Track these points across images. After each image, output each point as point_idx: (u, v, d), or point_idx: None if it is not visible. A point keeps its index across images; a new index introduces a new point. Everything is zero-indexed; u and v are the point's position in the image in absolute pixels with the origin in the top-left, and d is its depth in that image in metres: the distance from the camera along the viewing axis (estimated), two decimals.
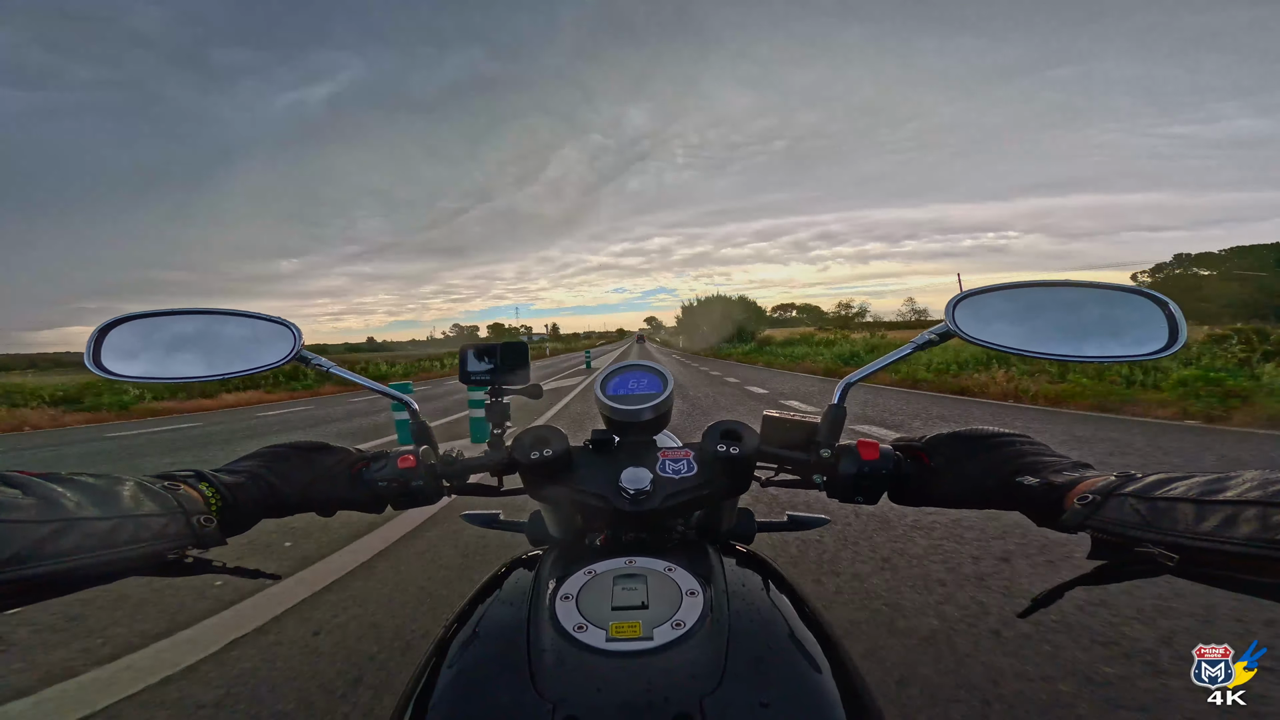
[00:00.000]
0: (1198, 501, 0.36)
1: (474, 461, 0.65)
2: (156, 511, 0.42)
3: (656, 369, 0.68)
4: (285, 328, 0.63)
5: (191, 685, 1.64)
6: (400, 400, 0.68)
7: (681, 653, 0.41)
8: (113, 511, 0.39)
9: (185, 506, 0.45)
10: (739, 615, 0.46)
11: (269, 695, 1.58)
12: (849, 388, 0.62)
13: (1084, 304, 0.58)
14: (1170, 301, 0.54)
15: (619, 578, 0.49)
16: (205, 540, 0.45)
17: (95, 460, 6.35)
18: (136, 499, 0.42)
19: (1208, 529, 0.35)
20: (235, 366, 0.61)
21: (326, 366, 0.66)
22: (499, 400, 0.72)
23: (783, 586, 0.53)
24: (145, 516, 0.41)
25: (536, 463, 0.58)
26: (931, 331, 0.60)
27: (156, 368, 0.60)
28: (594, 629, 0.43)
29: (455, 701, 0.41)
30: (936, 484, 0.57)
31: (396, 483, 0.59)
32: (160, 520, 0.42)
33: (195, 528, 0.44)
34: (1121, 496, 0.41)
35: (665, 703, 0.37)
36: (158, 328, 0.61)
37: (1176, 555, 0.36)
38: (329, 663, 1.73)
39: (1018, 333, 0.57)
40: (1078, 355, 0.56)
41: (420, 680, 0.45)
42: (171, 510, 0.43)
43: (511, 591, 0.53)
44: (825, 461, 0.60)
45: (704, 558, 0.54)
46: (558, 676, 0.40)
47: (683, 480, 0.58)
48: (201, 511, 0.46)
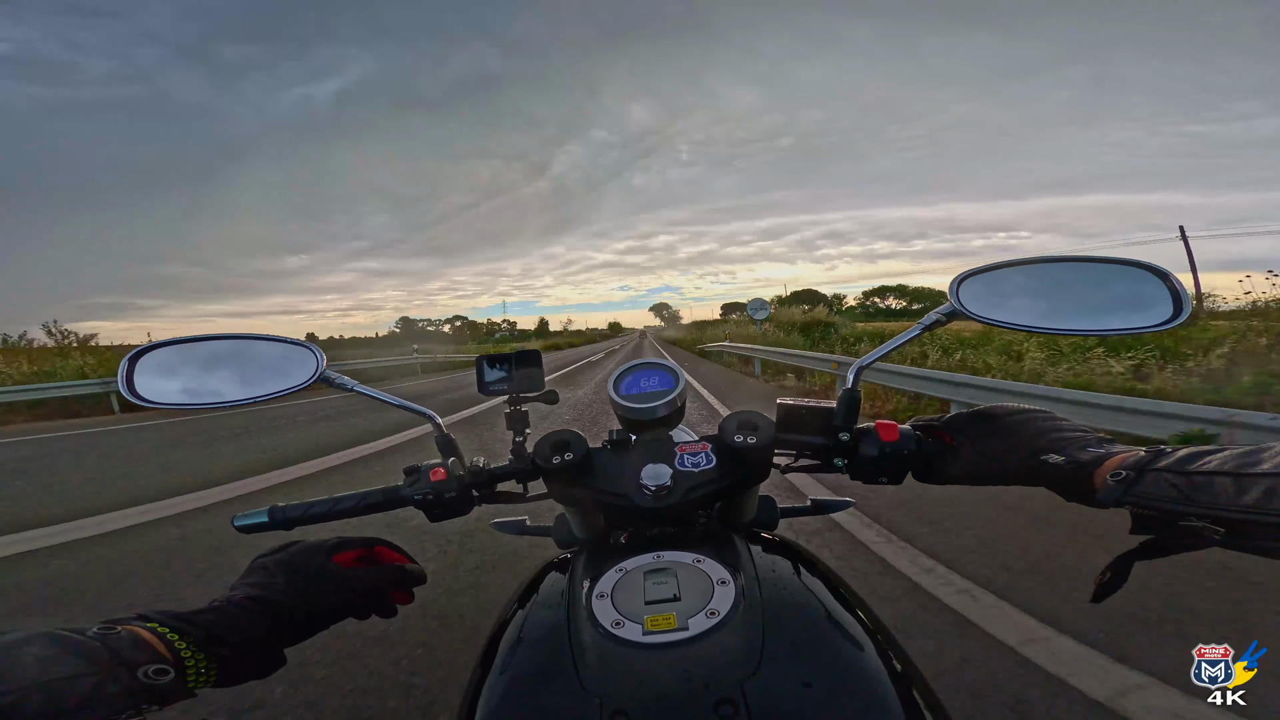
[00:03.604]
0: (1236, 475, 0.37)
1: (499, 470, 0.67)
2: (79, 670, 0.33)
3: (668, 366, 0.69)
4: (309, 350, 0.65)
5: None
6: (425, 415, 0.69)
7: (718, 640, 0.42)
8: (3, 684, 0.30)
9: (124, 655, 0.36)
10: (772, 600, 0.46)
11: None
12: (862, 370, 0.63)
13: (1086, 279, 0.59)
14: (1171, 273, 0.55)
15: (649, 572, 0.50)
16: (162, 696, 0.36)
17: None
18: (45, 660, 0.32)
19: (1250, 501, 0.35)
20: (263, 389, 0.63)
21: (350, 385, 0.67)
22: (518, 409, 0.73)
23: (813, 569, 0.54)
24: (61, 682, 0.32)
25: (558, 467, 0.59)
26: (938, 312, 0.60)
27: (188, 394, 0.62)
28: (630, 624, 0.44)
29: (508, 705, 0.42)
30: (959, 462, 0.57)
31: (431, 495, 0.61)
32: (88, 681, 0.33)
33: (146, 682, 0.35)
34: (1156, 471, 0.41)
35: (706, 690, 0.38)
36: (187, 354, 0.63)
37: (1222, 529, 0.36)
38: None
39: (1023, 309, 0.57)
40: (1083, 329, 0.57)
41: (475, 688, 0.46)
42: (103, 666, 0.34)
43: (548, 595, 0.54)
44: (844, 445, 0.61)
45: (731, 547, 0.55)
46: (601, 672, 0.41)
47: (702, 473, 0.58)
48: (151, 660, 0.37)
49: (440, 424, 0.68)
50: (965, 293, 0.59)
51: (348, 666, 1.75)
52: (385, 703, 1.59)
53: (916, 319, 0.65)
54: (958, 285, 0.59)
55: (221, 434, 6.42)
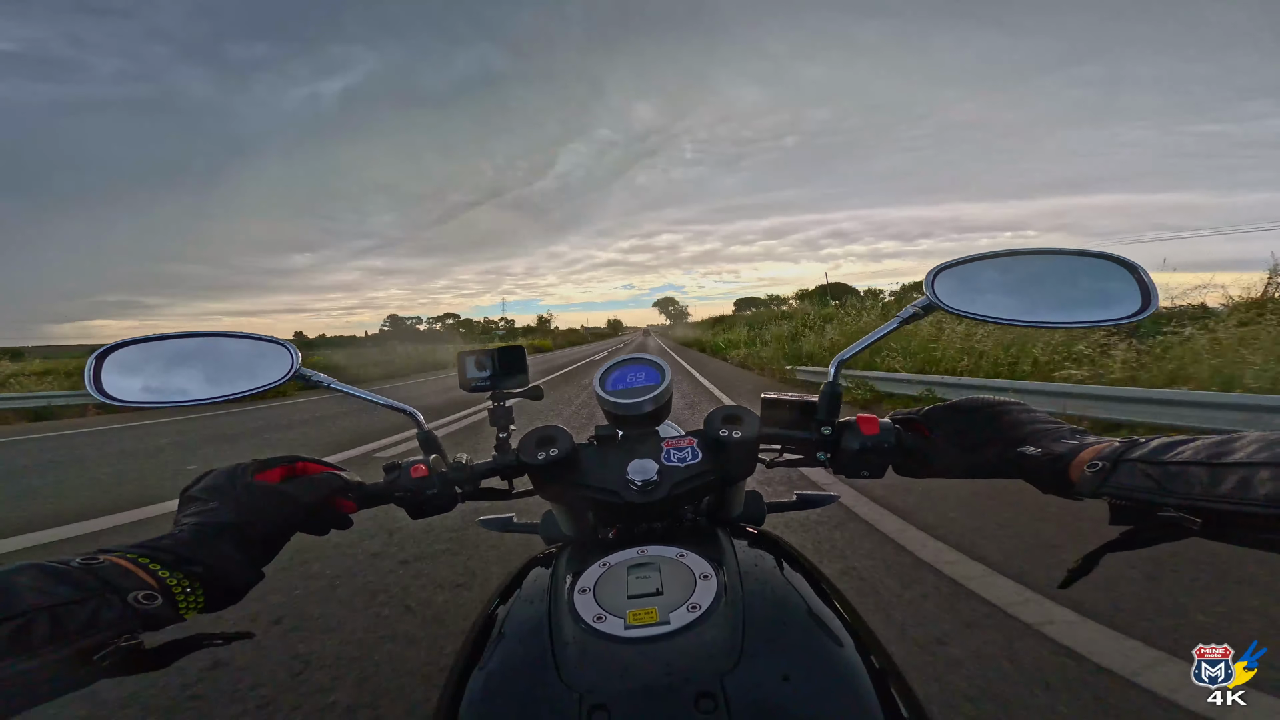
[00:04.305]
0: (1210, 465, 0.37)
1: (483, 466, 0.66)
2: (74, 596, 0.34)
3: (654, 361, 0.69)
4: (283, 347, 0.64)
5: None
6: (405, 412, 0.68)
7: (698, 634, 0.42)
8: (10, 610, 0.31)
9: (114, 583, 0.37)
10: (753, 594, 0.46)
11: None
12: (841, 364, 0.63)
13: (1059, 271, 0.60)
14: (1139, 265, 0.56)
15: (632, 567, 0.50)
16: (154, 620, 0.38)
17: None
18: (42, 588, 0.34)
19: (1225, 491, 0.35)
20: (236, 387, 0.62)
21: (326, 382, 0.66)
22: (501, 405, 0.72)
23: (796, 564, 0.54)
24: (62, 606, 0.33)
25: (544, 463, 0.58)
26: (914, 305, 0.61)
27: (156, 393, 0.60)
28: (612, 618, 0.44)
29: (488, 700, 0.42)
30: (938, 455, 0.57)
31: (412, 493, 0.60)
32: (84, 607, 0.34)
33: (137, 607, 0.37)
34: (1131, 462, 0.41)
35: (686, 683, 0.38)
36: (156, 352, 0.61)
37: (1199, 518, 0.37)
38: None
39: (996, 302, 0.58)
40: (1055, 321, 0.58)
41: (455, 683, 0.46)
42: (96, 592, 0.35)
43: (531, 589, 0.54)
44: (827, 439, 0.61)
45: (715, 542, 0.55)
46: (581, 667, 0.41)
47: (689, 468, 0.58)
48: (138, 587, 0.38)
49: (421, 421, 0.67)
50: (941, 286, 0.59)
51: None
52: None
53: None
54: (933, 278, 0.59)
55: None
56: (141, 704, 1.60)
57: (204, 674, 1.72)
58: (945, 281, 0.60)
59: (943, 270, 0.60)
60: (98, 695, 1.60)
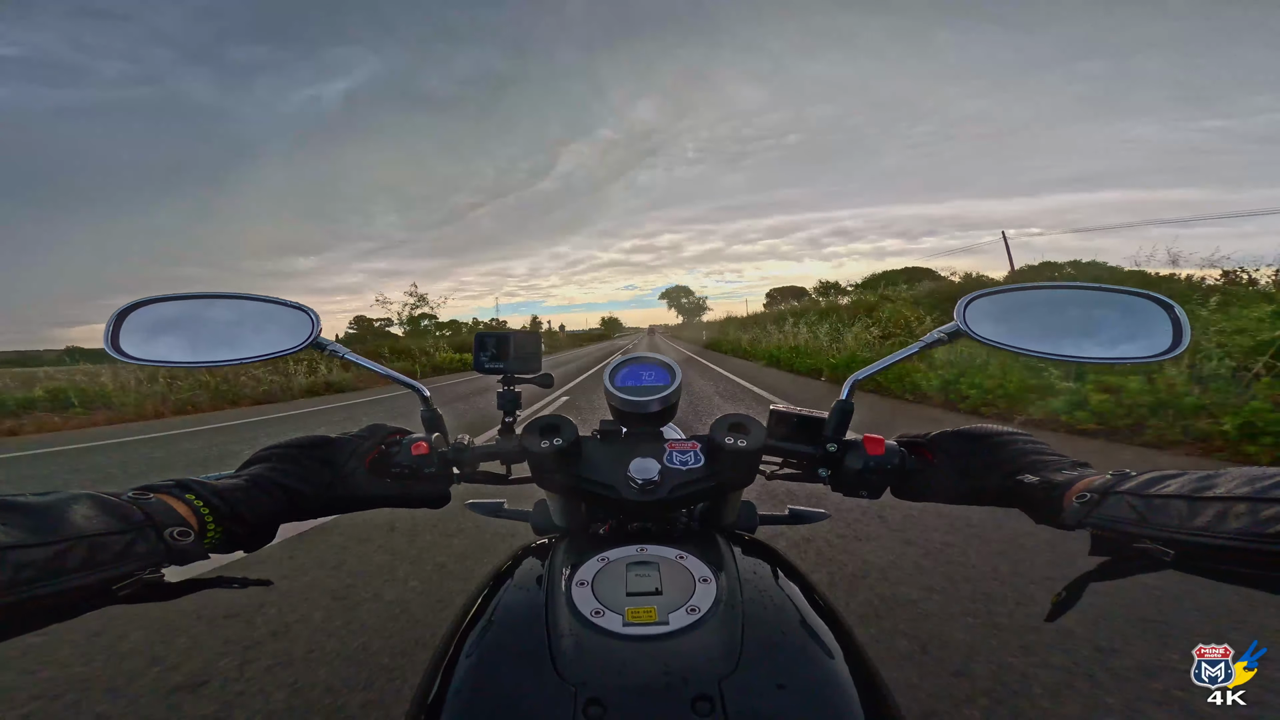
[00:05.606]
0: (1190, 498, 0.37)
1: (483, 449, 0.66)
2: (116, 528, 0.37)
3: (665, 362, 0.69)
4: (304, 313, 0.64)
5: None
6: (413, 387, 0.68)
7: (697, 637, 0.42)
8: (55, 535, 0.34)
9: (156, 519, 0.40)
10: (752, 602, 0.46)
11: None
12: (856, 384, 0.62)
13: (1092, 306, 0.59)
14: (1175, 304, 0.55)
15: (632, 564, 0.50)
16: (183, 555, 0.40)
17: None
18: (89, 517, 0.36)
19: (1201, 524, 0.36)
20: (254, 351, 0.62)
21: (342, 353, 0.66)
22: (510, 389, 0.72)
23: (792, 575, 0.54)
24: (101, 536, 0.36)
25: (547, 452, 0.58)
26: (940, 330, 0.60)
27: (175, 352, 0.60)
28: (610, 614, 0.44)
29: (479, 686, 0.42)
30: (939, 480, 0.57)
31: (409, 469, 0.60)
32: (121, 539, 0.37)
33: (170, 543, 0.39)
34: (1118, 494, 0.42)
35: (684, 685, 0.38)
36: (176, 312, 0.61)
37: (1172, 550, 0.37)
38: None
39: (1026, 333, 0.58)
40: (1084, 356, 0.57)
41: (440, 667, 0.45)
42: (136, 525, 0.38)
43: (525, 579, 0.54)
44: (831, 456, 0.61)
45: (714, 546, 0.55)
46: (578, 660, 0.41)
47: (690, 471, 0.58)
48: (177, 524, 0.41)
49: (428, 397, 0.67)
50: (972, 314, 0.59)
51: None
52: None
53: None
54: (964, 306, 0.59)
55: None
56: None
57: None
58: (976, 310, 0.59)
59: (975, 300, 0.60)
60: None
